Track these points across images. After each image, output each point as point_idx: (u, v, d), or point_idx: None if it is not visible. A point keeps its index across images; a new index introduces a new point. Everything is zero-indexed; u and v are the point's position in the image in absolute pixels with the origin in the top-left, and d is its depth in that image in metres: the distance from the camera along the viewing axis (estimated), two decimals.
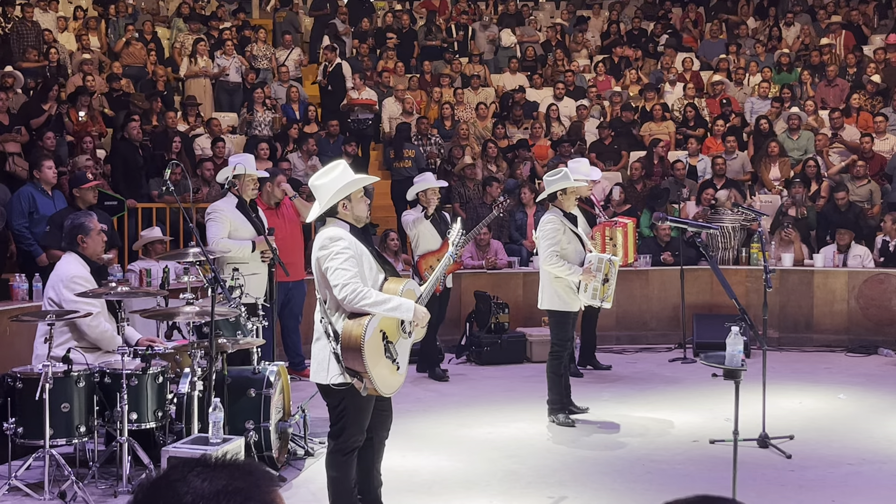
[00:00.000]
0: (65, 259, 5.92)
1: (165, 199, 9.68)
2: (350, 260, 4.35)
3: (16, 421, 5.37)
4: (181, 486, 1.31)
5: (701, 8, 16.80)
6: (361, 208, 4.54)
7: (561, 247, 6.82)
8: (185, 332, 6.33)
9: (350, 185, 4.47)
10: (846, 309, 10.24)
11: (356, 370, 4.33)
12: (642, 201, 11.50)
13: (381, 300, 4.35)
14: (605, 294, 6.91)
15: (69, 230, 5.92)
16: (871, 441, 6.56)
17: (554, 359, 7.01)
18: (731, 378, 4.93)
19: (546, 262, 6.83)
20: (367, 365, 4.30)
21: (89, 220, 5.98)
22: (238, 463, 1.37)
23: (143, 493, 1.34)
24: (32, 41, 12.52)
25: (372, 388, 4.39)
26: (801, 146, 12.32)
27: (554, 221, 6.86)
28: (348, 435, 4.50)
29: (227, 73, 13.19)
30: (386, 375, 4.46)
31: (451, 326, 9.81)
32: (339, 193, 4.45)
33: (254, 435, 5.64)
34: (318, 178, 4.53)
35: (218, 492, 1.30)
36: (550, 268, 6.82)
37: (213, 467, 1.34)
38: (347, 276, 4.31)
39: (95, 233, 5.96)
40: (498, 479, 5.74)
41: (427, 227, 8.41)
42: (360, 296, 4.30)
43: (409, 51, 15.28)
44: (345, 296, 4.30)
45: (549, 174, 7.12)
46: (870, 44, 15.01)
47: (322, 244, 4.42)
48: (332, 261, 4.35)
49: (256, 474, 1.35)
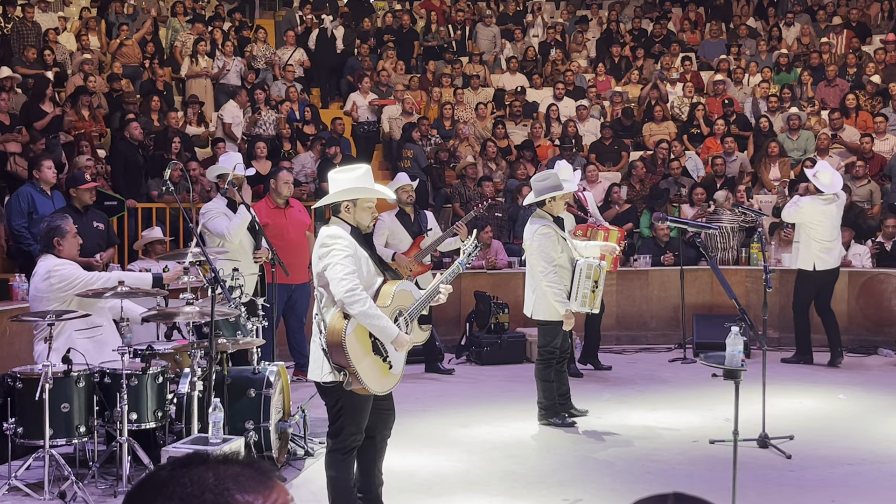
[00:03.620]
0: (41, 260, 5.93)
1: (165, 199, 9.69)
2: (349, 258, 4.38)
3: (16, 421, 5.38)
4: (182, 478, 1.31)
5: (701, 8, 16.80)
6: (364, 217, 4.56)
7: (555, 257, 6.73)
8: (185, 332, 6.33)
9: (357, 192, 4.52)
10: (846, 309, 10.23)
11: (342, 365, 4.37)
12: (642, 201, 11.51)
13: (372, 314, 4.36)
14: (595, 301, 6.89)
15: (45, 232, 5.94)
16: (870, 441, 6.56)
17: (546, 366, 6.94)
18: (731, 378, 4.93)
19: (546, 278, 6.70)
20: (350, 360, 4.34)
21: (65, 223, 6.00)
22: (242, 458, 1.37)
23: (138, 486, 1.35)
24: (32, 41, 12.52)
25: (360, 386, 4.40)
26: (800, 146, 12.32)
27: (547, 233, 6.72)
28: (346, 434, 4.50)
29: (228, 71, 13.19)
30: (374, 373, 4.45)
31: (451, 326, 9.82)
32: (344, 193, 4.51)
33: (254, 435, 5.64)
34: (336, 172, 4.63)
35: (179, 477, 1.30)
36: (548, 288, 6.70)
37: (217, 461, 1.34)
38: (346, 271, 4.35)
39: (72, 235, 5.97)
40: (498, 479, 5.74)
41: (396, 226, 8.41)
42: (356, 299, 4.33)
43: (409, 51, 15.28)
44: (344, 290, 4.32)
45: (538, 177, 6.96)
46: (870, 44, 15.00)
47: (322, 242, 4.47)
48: (332, 257, 4.39)
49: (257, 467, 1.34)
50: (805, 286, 9.23)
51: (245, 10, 16.31)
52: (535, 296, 6.92)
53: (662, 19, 16.35)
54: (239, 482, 1.30)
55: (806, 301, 9.28)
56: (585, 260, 6.87)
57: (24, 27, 12.66)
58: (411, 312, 4.65)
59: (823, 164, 9.34)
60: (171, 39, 14.15)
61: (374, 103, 13.19)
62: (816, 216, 8.95)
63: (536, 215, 6.91)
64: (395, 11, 16.02)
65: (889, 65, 13.91)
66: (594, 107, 13.73)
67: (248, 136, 12.04)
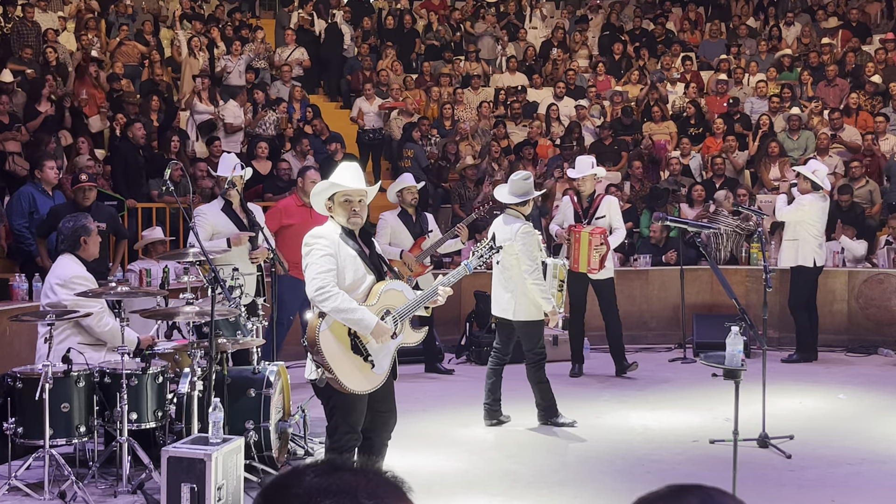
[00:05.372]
0: (61, 260, 5.93)
1: (165, 199, 9.68)
2: (326, 258, 4.39)
3: (16, 421, 5.38)
4: (294, 480, 1.31)
5: (701, 8, 16.79)
6: (341, 213, 4.51)
7: (537, 256, 6.68)
8: (185, 332, 6.34)
9: (332, 187, 4.51)
10: (846, 309, 10.24)
11: (319, 363, 4.40)
12: (642, 201, 11.51)
13: (344, 308, 4.34)
14: (561, 301, 6.85)
15: (72, 231, 5.93)
16: (870, 441, 6.56)
17: (537, 368, 6.86)
18: (731, 378, 4.93)
19: (531, 276, 6.64)
20: (325, 358, 4.36)
21: (89, 222, 6.05)
22: (367, 469, 1.35)
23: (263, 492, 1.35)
24: (32, 41, 12.52)
25: (338, 385, 4.39)
26: (801, 146, 12.32)
27: (530, 232, 6.70)
28: (340, 434, 4.52)
29: (229, 71, 13.19)
30: (353, 372, 4.45)
31: (451, 326, 9.81)
32: (321, 191, 4.54)
33: (254, 435, 5.64)
34: (336, 170, 4.61)
35: (329, 486, 1.29)
36: (534, 286, 6.65)
37: (335, 467, 1.33)
38: (319, 270, 4.36)
39: (95, 234, 6.02)
40: (498, 479, 5.74)
41: (399, 226, 8.42)
42: (326, 296, 4.34)
43: (409, 51, 15.28)
44: (313, 290, 4.35)
45: (520, 177, 6.85)
46: (870, 43, 15.00)
47: (305, 241, 4.51)
48: (310, 256, 4.43)
49: (377, 480, 1.32)
50: (805, 283, 9.26)
51: (245, 10, 16.32)
52: (512, 297, 6.80)
53: (662, 18, 16.35)
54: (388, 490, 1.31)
55: (806, 298, 9.30)
56: (553, 259, 6.91)
57: (23, 27, 12.66)
58: (401, 312, 4.60)
59: (817, 163, 9.44)
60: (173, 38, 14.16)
61: (383, 107, 13.15)
62: (816, 213, 9.03)
63: (510, 214, 6.81)
64: (395, 11, 16.01)
65: (889, 65, 13.91)
66: (594, 107, 13.72)
67: (250, 135, 12.05)
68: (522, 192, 6.77)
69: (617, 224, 8.45)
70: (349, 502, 1.27)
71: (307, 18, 14.95)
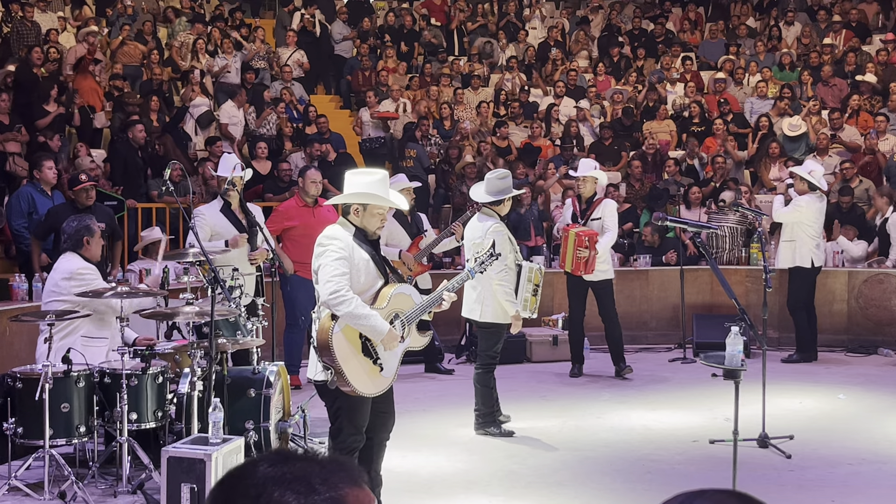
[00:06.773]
0: (65, 257, 5.93)
1: (165, 199, 9.68)
2: (341, 260, 4.39)
3: (16, 421, 5.38)
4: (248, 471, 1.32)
5: (701, 8, 16.79)
6: (372, 222, 4.56)
7: (506, 256, 6.49)
8: (184, 332, 6.34)
9: (370, 197, 4.52)
10: (846, 309, 10.24)
11: (329, 365, 4.39)
12: (642, 201, 11.50)
13: (358, 313, 4.35)
14: (535, 306, 6.74)
15: (75, 231, 5.94)
16: (870, 441, 6.56)
17: (486, 371, 6.74)
18: (731, 378, 4.93)
19: (498, 276, 6.49)
20: (336, 359, 4.35)
21: (93, 223, 6.07)
22: (318, 456, 1.37)
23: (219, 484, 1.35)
24: (32, 41, 12.52)
25: (347, 386, 4.40)
26: (801, 146, 12.31)
27: (501, 231, 6.55)
28: (346, 435, 4.51)
29: (229, 71, 13.19)
30: (363, 374, 4.46)
31: (451, 326, 9.80)
32: (357, 197, 4.53)
33: (254, 435, 5.64)
34: (353, 174, 4.63)
35: (283, 475, 1.30)
36: (499, 286, 6.54)
37: (287, 457, 1.34)
38: (334, 273, 4.36)
39: (98, 235, 6.04)
40: (498, 479, 5.74)
41: (395, 226, 8.42)
42: (341, 300, 4.34)
43: (409, 51, 15.28)
44: (328, 293, 4.34)
45: (497, 175, 6.74)
46: (870, 44, 14.99)
47: (319, 242, 4.49)
48: (324, 258, 4.42)
49: (330, 467, 1.34)
50: (803, 283, 9.26)
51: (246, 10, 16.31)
52: (478, 297, 6.71)
53: (661, 18, 16.34)
54: (341, 477, 1.32)
55: (805, 298, 9.30)
56: (528, 263, 6.81)
57: (23, 27, 12.65)
58: (409, 316, 4.65)
59: (813, 163, 9.47)
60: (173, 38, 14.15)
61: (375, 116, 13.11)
62: (813, 214, 9.04)
63: (484, 213, 6.73)
64: (395, 11, 16.00)
65: (889, 65, 13.90)
66: (594, 107, 13.72)
67: (250, 135, 12.04)
68: (498, 190, 6.64)
69: (609, 226, 8.38)
70: (304, 490, 1.29)
71: (310, 20, 14.95)
